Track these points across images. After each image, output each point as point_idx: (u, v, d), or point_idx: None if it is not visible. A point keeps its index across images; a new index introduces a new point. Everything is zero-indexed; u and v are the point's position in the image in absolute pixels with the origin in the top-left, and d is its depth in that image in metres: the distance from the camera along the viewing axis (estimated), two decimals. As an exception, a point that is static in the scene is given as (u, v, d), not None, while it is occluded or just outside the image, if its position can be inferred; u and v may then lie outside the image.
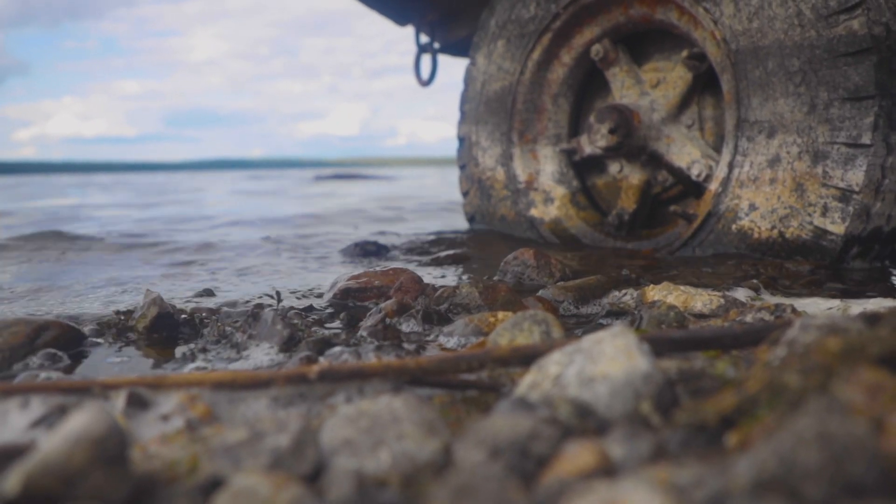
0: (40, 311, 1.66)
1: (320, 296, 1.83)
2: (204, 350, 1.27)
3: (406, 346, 1.22)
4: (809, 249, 2.14)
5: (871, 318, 0.80)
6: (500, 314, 1.35)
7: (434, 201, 6.53)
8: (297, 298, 1.80)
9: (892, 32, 2.03)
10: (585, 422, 0.71)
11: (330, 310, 1.65)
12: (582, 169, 3.15)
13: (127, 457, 0.59)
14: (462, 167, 3.45)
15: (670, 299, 1.51)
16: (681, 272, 2.08)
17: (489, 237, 3.23)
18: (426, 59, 4.01)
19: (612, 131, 2.63)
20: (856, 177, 2.02)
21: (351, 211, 5.44)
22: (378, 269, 1.84)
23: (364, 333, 1.34)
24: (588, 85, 3.11)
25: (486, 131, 3.27)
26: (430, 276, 2.18)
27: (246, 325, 1.34)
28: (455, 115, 3.46)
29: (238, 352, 1.26)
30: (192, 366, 1.20)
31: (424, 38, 3.95)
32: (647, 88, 2.77)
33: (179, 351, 1.30)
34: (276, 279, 2.17)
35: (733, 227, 2.31)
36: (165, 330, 1.42)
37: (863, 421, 0.55)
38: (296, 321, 1.43)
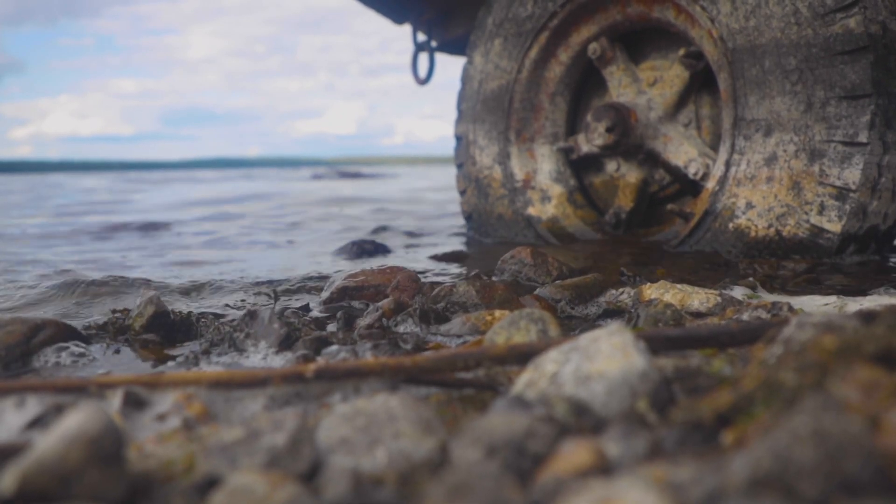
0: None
1: (318, 294, 1.83)
2: (207, 352, 1.26)
3: (403, 344, 1.22)
4: (806, 248, 2.14)
5: (868, 316, 0.80)
6: (497, 313, 1.35)
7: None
8: (295, 297, 1.79)
9: (889, 31, 2.03)
10: (582, 420, 0.71)
11: (327, 309, 1.64)
12: (579, 167, 3.15)
13: (123, 456, 0.59)
14: (459, 166, 3.45)
15: (667, 297, 1.51)
16: (678, 270, 2.08)
17: (486, 235, 3.22)
18: (423, 58, 4.00)
19: (609, 130, 2.63)
20: (852, 175, 2.02)
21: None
22: (375, 267, 1.84)
23: (361, 332, 1.33)
24: (585, 83, 3.11)
25: (484, 130, 3.27)
26: (427, 274, 2.18)
27: (243, 324, 1.34)
28: (452, 113, 3.45)
29: (241, 353, 1.24)
30: (196, 369, 1.18)
31: (421, 37, 3.94)
32: (645, 87, 2.77)
33: (181, 354, 1.28)
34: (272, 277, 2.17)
35: (730, 225, 2.31)
36: (162, 329, 1.41)
37: (858, 418, 0.55)
38: (292, 320, 1.43)
